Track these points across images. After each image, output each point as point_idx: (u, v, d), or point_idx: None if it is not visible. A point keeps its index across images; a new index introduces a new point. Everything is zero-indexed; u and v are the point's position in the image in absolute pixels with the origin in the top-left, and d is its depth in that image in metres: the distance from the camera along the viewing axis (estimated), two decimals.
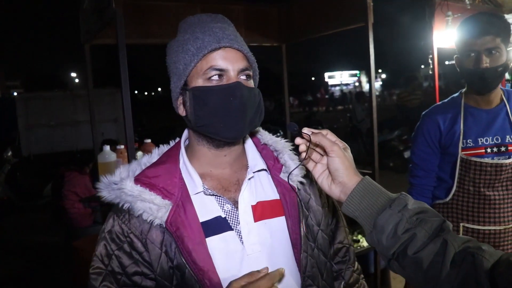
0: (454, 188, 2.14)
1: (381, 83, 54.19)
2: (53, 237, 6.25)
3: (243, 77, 1.13)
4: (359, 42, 3.04)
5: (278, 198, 1.21)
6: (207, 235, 1.11)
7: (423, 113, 2.29)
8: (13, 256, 6.01)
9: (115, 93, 11.63)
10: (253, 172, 1.22)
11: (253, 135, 1.31)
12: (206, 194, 1.16)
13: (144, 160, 1.24)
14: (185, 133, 1.27)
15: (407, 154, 9.53)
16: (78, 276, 4.21)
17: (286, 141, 1.29)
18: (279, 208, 1.20)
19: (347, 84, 58.18)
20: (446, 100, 2.24)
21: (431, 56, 3.14)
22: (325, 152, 1.08)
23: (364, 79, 52.86)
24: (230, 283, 1.00)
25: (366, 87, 46.21)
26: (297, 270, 1.18)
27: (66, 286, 4.64)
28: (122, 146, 3.11)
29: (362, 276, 1.40)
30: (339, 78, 62.11)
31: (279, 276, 1.01)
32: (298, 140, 1.09)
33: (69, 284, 4.35)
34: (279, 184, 1.22)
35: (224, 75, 1.11)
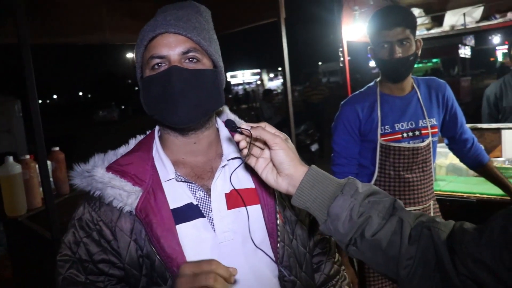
0: (376, 173, 2.23)
1: (282, 80, 55.91)
2: None
3: (187, 61, 1.10)
4: (262, 40, 3.09)
5: (253, 186, 1.18)
6: (178, 222, 1.09)
7: (342, 102, 2.36)
8: None
9: (7, 102, 10.66)
10: (227, 160, 1.19)
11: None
12: (178, 181, 1.15)
13: (121, 150, 1.24)
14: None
15: (314, 148, 9.93)
16: None
17: None
18: (254, 196, 1.17)
19: (249, 83, 59.14)
20: (362, 90, 2.34)
21: (341, 49, 3.27)
22: (265, 145, 1.05)
23: (265, 77, 54.18)
24: (181, 267, 0.92)
25: (268, 85, 47.40)
26: (273, 260, 1.15)
27: None
28: (27, 156, 2.83)
29: (343, 267, 1.39)
30: (242, 77, 63.05)
31: (230, 275, 0.90)
32: (237, 137, 1.03)
33: None
34: (255, 172, 1.17)
35: (165, 61, 1.10)
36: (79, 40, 3.00)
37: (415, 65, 2.20)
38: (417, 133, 2.18)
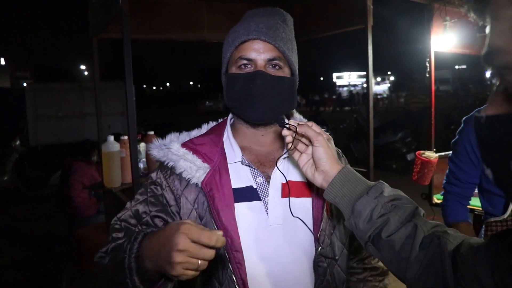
0: None
1: (389, 85, 53.99)
2: (57, 225, 6.35)
3: (270, 67, 1.25)
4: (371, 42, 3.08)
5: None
6: (236, 201, 1.24)
7: (464, 118, 2.13)
8: (17, 244, 6.12)
9: (122, 86, 11.67)
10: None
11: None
12: (243, 165, 1.29)
13: (194, 133, 1.40)
14: (230, 113, 1.41)
15: (410, 157, 9.59)
16: (81, 264, 4.32)
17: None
18: (307, 189, 1.30)
19: (355, 85, 57.94)
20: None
21: (428, 59, 3.21)
22: (310, 143, 1.16)
23: (373, 80, 52.61)
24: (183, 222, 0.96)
25: (374, 88, 45.99)
26: (313, 248, 1.27)
27: (68, 274, 4.74)
28: (126, 137, 3.20)
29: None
30: (347, 79, 61.99)
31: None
32: (285, 132, 1.17)
33: (71, 272, 4.46)
34: None
35: (251, 64, 1.24)
36: (178, 37, 3.31)
37: None
38: None
